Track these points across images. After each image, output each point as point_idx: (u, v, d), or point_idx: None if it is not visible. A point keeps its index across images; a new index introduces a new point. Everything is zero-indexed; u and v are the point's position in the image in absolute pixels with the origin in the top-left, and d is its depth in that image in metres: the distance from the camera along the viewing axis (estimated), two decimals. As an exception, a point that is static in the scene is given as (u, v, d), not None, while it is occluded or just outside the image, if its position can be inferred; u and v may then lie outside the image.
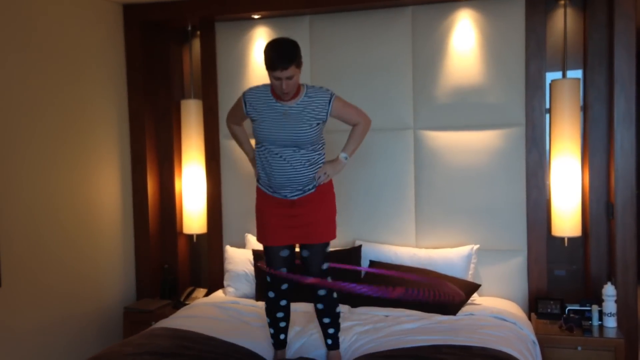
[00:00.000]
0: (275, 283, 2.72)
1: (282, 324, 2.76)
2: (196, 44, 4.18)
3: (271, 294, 2.74)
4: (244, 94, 2.66)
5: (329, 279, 2.70)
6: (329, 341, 2.72)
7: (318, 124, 2.58)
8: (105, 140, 3.84)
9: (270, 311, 2.75)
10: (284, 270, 2.70)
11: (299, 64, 2.47)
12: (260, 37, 3.91)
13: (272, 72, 2.44)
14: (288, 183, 2.59)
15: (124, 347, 2.66)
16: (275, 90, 2.53)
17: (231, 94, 3.96)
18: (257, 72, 3.91)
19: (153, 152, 4.12)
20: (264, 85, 2.64)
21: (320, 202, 2.67)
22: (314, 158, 2.61)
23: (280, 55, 2.41)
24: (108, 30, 3.88)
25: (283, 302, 2.75)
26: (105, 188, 3.82)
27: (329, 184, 2.73)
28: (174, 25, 4.13)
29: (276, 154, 2.57)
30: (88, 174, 3.67)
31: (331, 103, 2.59)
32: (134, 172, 4.07)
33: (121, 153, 3.98)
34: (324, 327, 2.72)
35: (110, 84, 3.90)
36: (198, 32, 4.14)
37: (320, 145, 2.66)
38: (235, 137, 2.94)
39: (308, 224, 2.64)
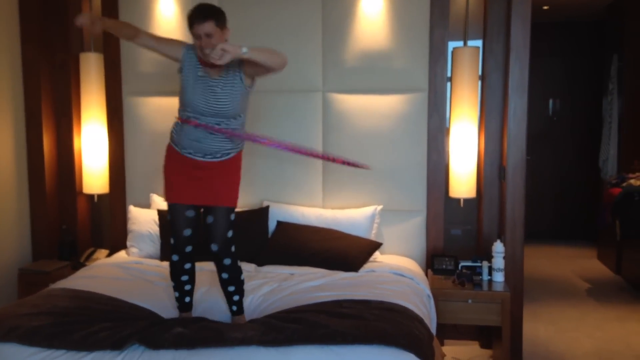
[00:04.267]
0: (179, 246, 2.68)
1: (187, 287, 2.73)
2: (97, -5, 3.97)
3: (175, 257, 2.69)
4: (185, 50, 2.59)
5: (233, 248, 2.68)
6: (234, 307, 2.71)
7: (241, 92, 2.58)
8: (-4, 94, 3.60)
9: (174, 275, 2.71)
10: (188, 231, 2.66)
11: (219, 24, 2.50)
12: (166, -10, 3.77)
13: (190, 30, 2.48)
14: (197, 145, 2.58)
15: (18, 307, 2.55)
16: (198, 51, 2.54)
17: (135, 48, 3.78)
18: (162, 25, 3.77)
19: (49, 107, 3.91)
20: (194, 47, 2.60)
21: (225, 170, 2.66)
22: (230, 128, 2.60)
23: (198, 10, 2.48)
24: (-2, -26, 3.60)
25: (187, 266, 2.72)
26: (-3, 144, 3.60)
27: (239, 156, 2.72)
28: (73, -27, 3.89)
29: (195, 118, 2.57)
30: (-24, 128, 3.44)
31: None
32: (29, 129, 3.86)
33: (15, 108, 3.75)
34: (228, 295, 2.70)
35: (2, 35, 3.64)
36: (99, -18, 3.93)
37: (240, 117, 2.65)
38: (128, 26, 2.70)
39: (210, 187, 2.63)
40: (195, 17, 2.46)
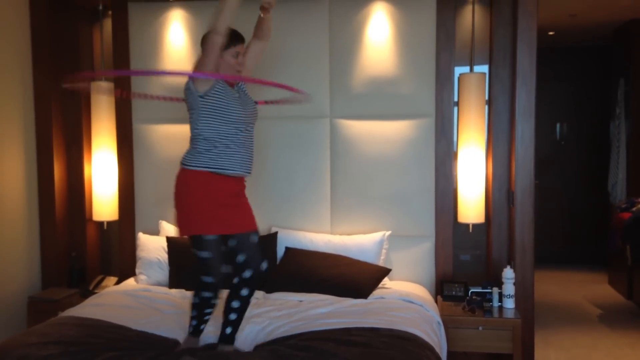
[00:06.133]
0: (218, 285, 2.65)
1: (207, 318, 2.68)
2: (107, 24, 4.03)
3: (207, 294, 2.65)
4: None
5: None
6: (228, 329, 2.60)
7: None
8: (8, 122, 3.64)
9: (200, 308, 2.65)
10: (226, 267, 2.64)
11: None
12: (175, 20, 3.83)
13: (234, 47, 2.65)
14: (247, 158, 2.67)
15: (27, 336, 2.54)
16: (230, 70, 2.67)
17: (144, 77, 3.85)
18: (172, 55, 3.83)
19: (60, 135, 3.95)
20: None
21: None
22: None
23: (238, 33, 2.70)
24: (12, 5, 3.66)
25: (216, 301, 2.68)
26: (8, 172, 3.63)
27: None
28: (84, 3, 3.97)
29: (242, 129, 2.64)
30: (-12, 157, 3.47)
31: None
32: (40, 156, 3.89)
33: (26, 136, 3.79)
34: (227, 312, 2.61)
35: (15, 62, 3.69)
36: (109, 12, 3.99)
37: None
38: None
39: (243, 214, 2.69)
40: (240, 38, 2.69)
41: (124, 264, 3.98)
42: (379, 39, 3.65)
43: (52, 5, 3.84)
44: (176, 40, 3.82)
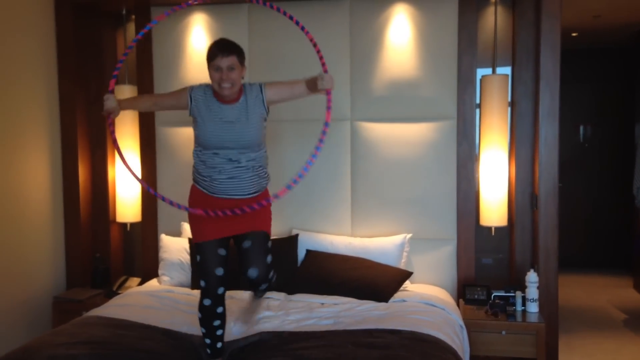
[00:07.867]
0: (210, 288, 2.53)
1: (219, 332, 2.60)
2: (131, 29, 4.08)
3: (207, 302, 2.54)
4: (191, 90, 2.56)
5: (272, 273, 2.61)
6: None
7: (263, 119, 2.57)
8: (34, 125, 3.70)
9: (205, 320, 2.56)
10: (220, 270, 2.54)
11: (241, 59, 2.49)
12: (197, 24, 3.86)
13: (212, 62, 2.44)
14: (233, 185, 2.53)
15: (55, 336, 2.58)
16: (214, 86, 2.48)
17: (167, 80, 3.90)
18: (194, 58, 3.86)
19: (85, 138, 4.00)
20: (205, 86, 2.57)
21: (258, 213, 2.58)
22: (259, 157, 2.58)
23: (223, 44, 2.48)
24: (38, 11, 3.73)
25: (220, 310, 2.57)
26: (34, 174, 3.69)
27: (267, 190, 2.69)
28: (108, 8, 4.02)
29: (222, 157, 2.52)
30: (15, 159, 3.53)
31: (263, 90, 2.57)
32: (65, 159, 3.94)
33: (51, 139, 3.85)
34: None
35: (40, 67, 3.75)
36: (133, 17, 4.04)
37: (263, 145, 2.63)
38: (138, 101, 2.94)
39: (242, 217, 2.52)
40: (220, 50, 2.44)
41: (147, 265, 4.02)
42: (400, 41, 3.65)
43: (77, 11, 3.90)
44: (198, 44, 3.85)
